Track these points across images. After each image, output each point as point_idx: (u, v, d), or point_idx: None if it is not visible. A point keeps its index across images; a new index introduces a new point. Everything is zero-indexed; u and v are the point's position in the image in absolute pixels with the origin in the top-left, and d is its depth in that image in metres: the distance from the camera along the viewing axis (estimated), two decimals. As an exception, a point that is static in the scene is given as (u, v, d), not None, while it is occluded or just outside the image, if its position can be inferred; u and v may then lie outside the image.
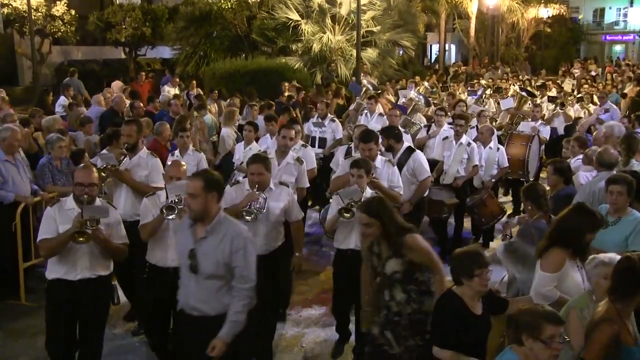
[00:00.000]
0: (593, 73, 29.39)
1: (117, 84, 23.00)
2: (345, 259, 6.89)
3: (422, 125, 12.87)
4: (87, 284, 5.91)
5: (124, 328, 7.87)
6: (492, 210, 10.47)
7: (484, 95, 17.53)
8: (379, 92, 16.34)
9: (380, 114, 13.03)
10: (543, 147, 13.29)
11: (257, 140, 10.82)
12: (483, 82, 23.32)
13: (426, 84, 19.99)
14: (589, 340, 4.47)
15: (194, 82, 21.69)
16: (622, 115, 15.08)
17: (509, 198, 13.08)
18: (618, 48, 60.15)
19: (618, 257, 4.79)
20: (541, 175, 12.99)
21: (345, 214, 6.58)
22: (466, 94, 19.43)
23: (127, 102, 15.19)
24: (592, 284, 4.97)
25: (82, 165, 6.51)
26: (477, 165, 10.48)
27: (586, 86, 21.65)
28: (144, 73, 24.62)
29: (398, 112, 11.65)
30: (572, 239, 5.46)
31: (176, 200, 5.89)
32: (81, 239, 5.63)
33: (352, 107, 15.14)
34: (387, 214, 5.63)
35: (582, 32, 56.50)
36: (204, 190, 4.98)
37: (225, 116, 13.19)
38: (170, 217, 5.92)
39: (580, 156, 9.23)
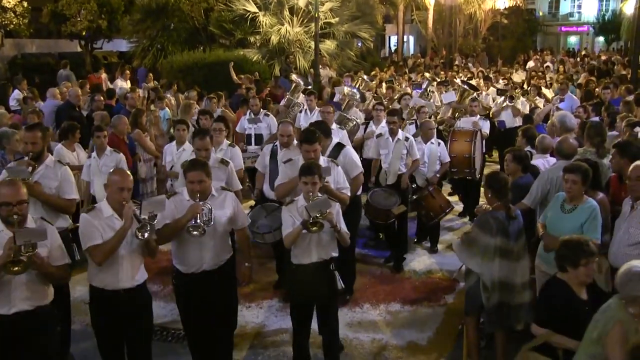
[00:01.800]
0: (548, 64, 29.66)
1: (103, 76, 22.90)
2: (306, 273, 6.28)
3: (358, 121, 12.41)
4: (24, 317, 5.18)
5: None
6: (440, 203, 10.12)
7: (428, 89, 16.86)
8: (311, 87, 15.67)
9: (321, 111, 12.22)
10: (484, 142, 12.54)
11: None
12: (427, 75, 22.79)
13: (365, 77, 19.32)
14: None
15: (151, 75, 21.48)
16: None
17: (455, 198, 12.64)
18: (573, 39, 61.09)
19: None
20: (485, 171, 12.17)
21: (313, 228, 5.97)
22: (411, 87, 18.85)
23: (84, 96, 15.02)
24: (626, 293, 4.78)
25: (6, 179, 5.70)
26: (417, 159, 9.99)
27: (535, 78, 21.60)
28: (103, 68, 24.31)
29: (332, 108, 10.86)
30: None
31: (148, 218, 5.49)
32: (16, 268, 4.86)
33: (282, 102, 14.61)
34: None
35: (538, 23, 57.17)
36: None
37: (182, 109, 13.08)
38: (145, 235, 5.46)
39: (529, 148, 9.34)
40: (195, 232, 5.88)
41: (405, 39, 47.68)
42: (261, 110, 12.30)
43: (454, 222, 12.03)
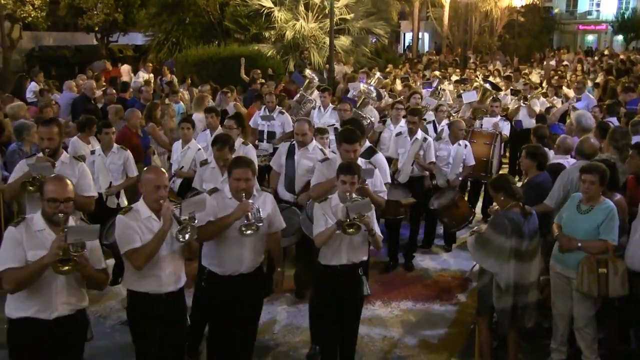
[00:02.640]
0: (566, 62, 29.43)
1: (125, 68, 22.90)
2: (334, 275, 6.10)
3: (373, 119, 12.11)
4: (65, 322, 4.94)
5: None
6: (464, 212, 9.74)
7: (439, 87, 16.52)
8: (325, 84, 15.45)
9: (335, 108, 11.97)
10: (503, 144, 12.42)
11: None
12: (437, 73, 22.49)
13: (378, 74, 18.97)
14: None
15: (166, 68, 21.53)
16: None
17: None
18: (590, 38, 60.63)
19: None
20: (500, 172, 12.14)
21: (349, 230, 5.77)
22: (421, 86, 18.26)
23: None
24: None
25: (52, 176, 5.31)
26: (433, 162, 9.79)
27: (556, 77, 21.17)
28: (107, 62, 24.37)
29: (348, 105, 10.91)
30: None
31: (188, 219, 5.24)
32: (65, 267, 4.61)
33: (295, 98, 14.23)
34: None
35: (555, 21, 56.78)
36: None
37: (195, 102, 13.10)
38: (185, 237, 5.21)
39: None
40: (248, 232, 5.59)
41: (420, 36, 47.49)
42: (277, 107, 12.11)
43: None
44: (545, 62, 30.12)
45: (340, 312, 6.19)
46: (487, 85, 14.83)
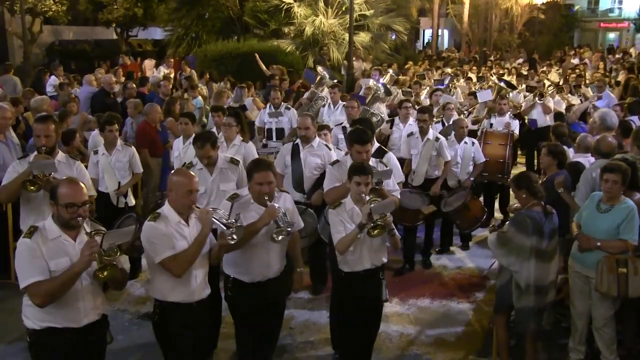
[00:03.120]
0: (586, 61, 29.14)
1: (148, 63, 23.02)
2: (358, 281, 5.98)
3: (382, 116, 11.96)
4: (92, 328, 4.78)
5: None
6: (475, 214, 9.58)
7: (450, 85, 16.25)
8: (337, 81, 15.21)
9: (345, 105, 11.49)
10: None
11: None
12: (449, 70, 22.27)
13: (390, 71, 18.69)
14: None
15: (183, 63, 21.61)
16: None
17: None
18: (612, 36, 60.08)
19: None
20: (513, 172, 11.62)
21: (374, 232, 5.67)
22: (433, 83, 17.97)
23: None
24: None
25: (65, 179, 4.92)
26: (449, 161, 9.59)
27: (573, 75, 20.60)
28: (125, 56, 24.49)
29: (356, 102, 10.70)
30: None
31: (235, 220, 5.14)
32: (105, 273, 4.50)
33: (305, 95, 13.94)
34: None
35: (576, 19, 56.35)
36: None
37: (214, 96, 13.13)
38: (234, 239, 5.08)
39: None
40: (280, 237, 5.42)
41: (439, 33, 47.32)
42: (282, 103, 11.96)
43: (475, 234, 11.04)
44: (565, 61, 29.77)
45: (364, 316, 6.12)
46: (502, 84, 14.62)
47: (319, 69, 14.70)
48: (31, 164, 6.28)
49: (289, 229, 5.51)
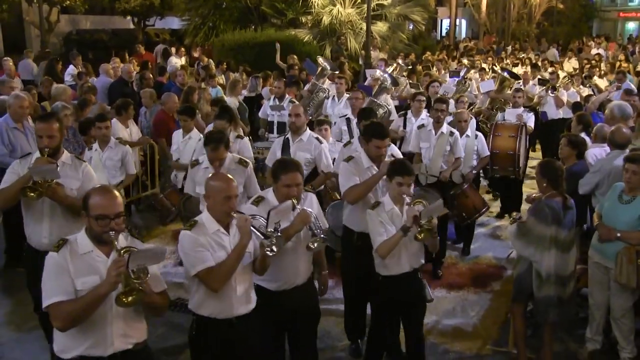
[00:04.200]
0: (599, 51, 28.89)
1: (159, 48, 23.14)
2: (397, 284, 5.79)
3: (389, 107, 11.68)
4: (121, 358, 4.22)
5: None
6: (474, 202, 9.26)
7: (466, 77, 15.64)
8: (338, 72, 14.65)
9: (349, 97, 11.00)
10: (527, 137, 11.34)
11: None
12: (465, 61, 21.94)
13: (400, 61, 18.47)
14: None
15: (199, 52, 21.65)
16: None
17: (489, 197, 12.02)
18: (631, 25, 59.50)
19: None
20: (528, 167, 11.71)
21: (421, 236, 5.46)
22: (447, 75, 17.91)
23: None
24: None
25: (97, 187, 4.39)
26: (460, 157, 9.09)
27: (588, 66, 20.50)
28: (141, 45, 24.52)
29: (361, 94, 10.25)
30: None
31: (274, 230, 4.78)
32: (130, 299, 3.89)
33: (306, 87, 13.39)
34: None
35: (595, 8, 55.87)
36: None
37: (229, 86, 13.16)
38: (273, 251, 4.70)
39: (583, 134, 9.16)
40: (316, 245, 5.11)
41: (457, 23, 47.09)
42: (286, 95, 11.61)
43: (491, 224, 11.22)
44: (583, 51, 29.51)
45: (407, 317, 6.02)
46: (506, 74, 14.05)
47: (320, 59, 14.16)
48: (31, 169, 5.58)
49: (324, 235, 5.19)
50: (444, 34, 50.12)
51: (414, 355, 6.11)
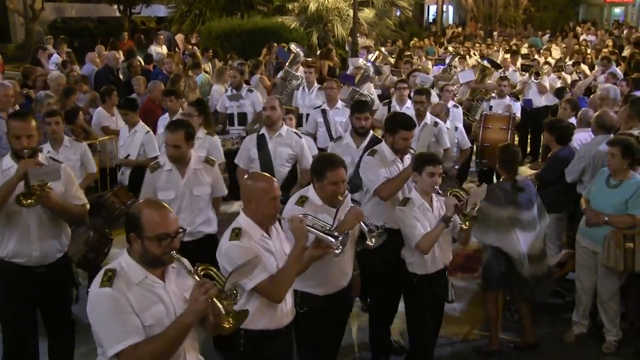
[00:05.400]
0: (585, 37, 28.88)
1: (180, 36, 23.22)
2: (431, 284, 5.61)
3: (372, 97, 11.32)
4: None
5: None
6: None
7: (452, 65, 15.21)
8: (311, 59, 14.19)
9: (320, 88, 10.69)
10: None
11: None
12: (450, 48, 21.80)
13: (383, 49, 18.34)
14: None
15: (183, 40, 21.52)
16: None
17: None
18: (617, 10, 59.58)
19: None
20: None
21: (465, 225, 5.39)
22: (430, 63, 17.67)
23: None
24: None
25: (147, 202, 3.78)
26: (448, 148, 8.75)
27: (574, 53, 20.37)
28: (126, 33, 24.34)
29: (335, 83, 9.72)
30: None
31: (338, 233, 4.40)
32: (231, 322, 3.50)
33: (279, 75, 12.98)
34: None
35: (582, -6, 55.86)
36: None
37: (216, 74, 13.09)
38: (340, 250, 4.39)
39: (574, 119, 9.21)
40: (374, 240, 4.87)
41: (444, 9, 47.02)
42: (244, 85, 11.13)
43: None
44: (568, 37, 29.47)
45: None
46: (486, 63, 13.66)
47: (292, 46, 13.70)
48: (30, 172, 4.86)
49: (380, 230, 4.91)
50: (431, 20, 50.03)
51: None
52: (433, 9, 49.36)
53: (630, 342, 6.70)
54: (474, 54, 20.30)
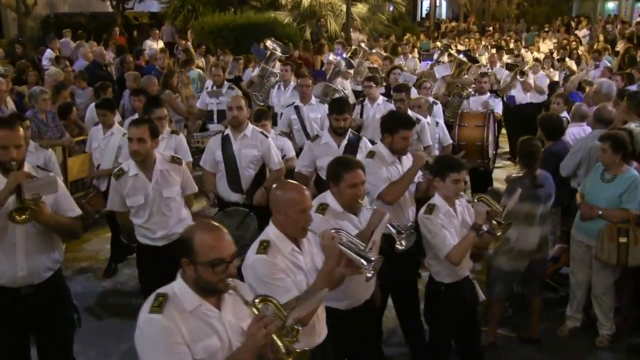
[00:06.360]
0: (584, 31, 28.92)
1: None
2: (457, 290, 5.29)
3: (345, 92, 11.00)
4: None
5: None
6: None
7: (440, 60, 14.50)
8: (289, 56, 14.11)
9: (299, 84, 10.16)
10: (496, 124, 10.66)
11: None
12: (439, 44, 21.36)
13: (364, 45, 17.94)
14: None
15: (176, 36, 21.49)
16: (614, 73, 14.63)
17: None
18: (611, 5, 59.65)
19: None
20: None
21: (498, 233, 5.18)
22: (416, 60, 17.41)
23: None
24: None
25: (200, 225, 3.41)
26: (430, 145, 8.32)
27: (561, 50, 19.90)
28: (117, 29, 24.24)
29: (309, 80, 9.48)
30: None
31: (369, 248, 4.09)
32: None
33: (254, 72, 12.79)
34: None
35: (575, -12, 55.91)
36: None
37: (209, 70, 13.07)
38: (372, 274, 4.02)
39: (566, 113, 9.22)
40: (404, 243, 4.71)
41: (437, 3, 47.02)
42: (225, 82, 11.02)
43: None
44: (560, 32, 29.44)
45: (466, 324, 5.48)
46: (462, 57, 13.00)
47: (268, 42, 13.11)
48: (25, 185, 4.40)
49: (407, 231, 4.75)
50: (424, 15, 50.00)
51: None
52: (426, 3, 49.34)
53: (624, 336, 6.72)
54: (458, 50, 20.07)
